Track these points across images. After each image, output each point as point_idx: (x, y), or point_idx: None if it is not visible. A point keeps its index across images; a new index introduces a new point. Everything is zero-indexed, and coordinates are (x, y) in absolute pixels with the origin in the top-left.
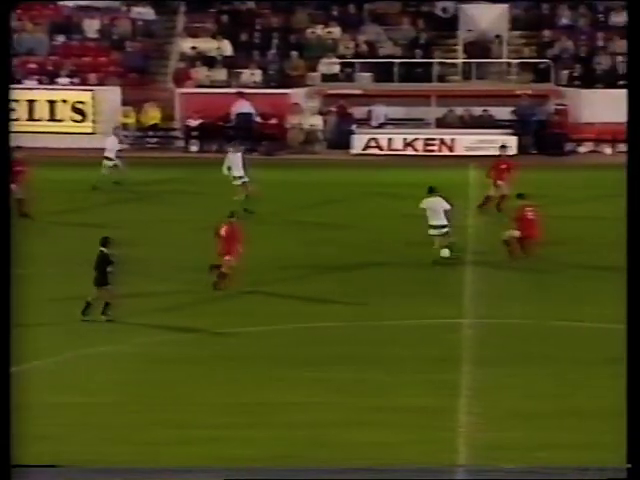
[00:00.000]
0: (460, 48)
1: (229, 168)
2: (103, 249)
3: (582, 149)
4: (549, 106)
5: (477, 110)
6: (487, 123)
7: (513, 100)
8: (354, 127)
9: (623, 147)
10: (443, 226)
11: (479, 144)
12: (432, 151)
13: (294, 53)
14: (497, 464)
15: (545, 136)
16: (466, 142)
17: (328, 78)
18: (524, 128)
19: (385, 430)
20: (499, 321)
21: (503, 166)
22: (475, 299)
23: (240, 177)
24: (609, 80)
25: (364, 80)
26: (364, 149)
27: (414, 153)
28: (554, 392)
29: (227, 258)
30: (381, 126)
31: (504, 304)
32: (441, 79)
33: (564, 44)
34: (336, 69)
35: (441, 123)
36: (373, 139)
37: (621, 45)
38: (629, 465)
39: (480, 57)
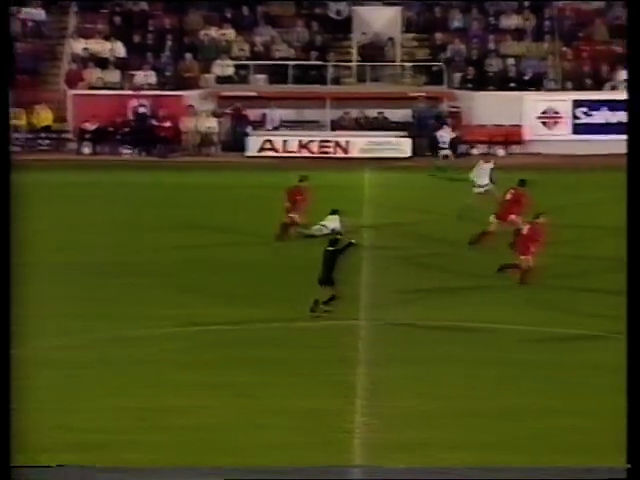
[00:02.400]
0: (354, 50)
1: None
2: (330, 248)
3: (475, 151)
4: (443, 108)
5: (372, 112)
6: (382, 125)
7: (407, 102)
8: (249, 129)
9: (516, 149)
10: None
11: (374, 146)
12: (327, 153)
13: (188, 55)
14: (394, 464)
15: (438, 138)
16: (361, 144)
17: (223, 80)
18: (419, 130)
19: (280, 432)
20: (394, 322)
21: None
22: (371, 301)
23: None
24: (500, 83)
25: (259, 82)
26: (259, 151)
27: (309, 155)
28: (449, 392)
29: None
30: (276, 128)
31: (399, 305)
32: (336, 81)
33: (456, 47)
34: (230, 71)
35: (336, 125)
36: (268, 141)
37: (512, 47)
38: (629, 465)
39: (374, 59)
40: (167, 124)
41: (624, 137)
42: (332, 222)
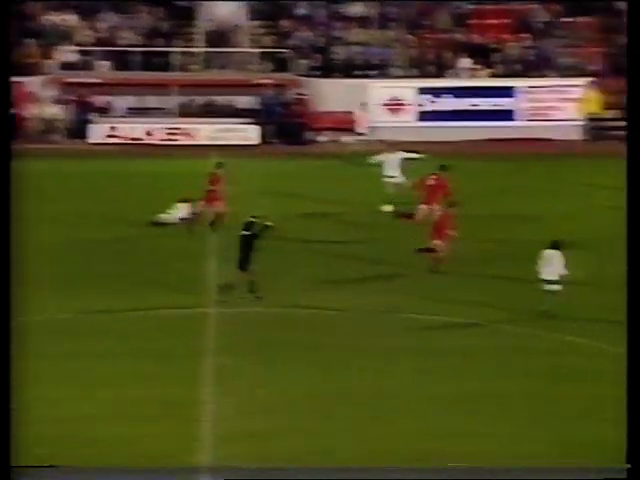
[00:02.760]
0: (200, 37)
1: None
2: (246, 232)
3: (322, 138)
4: (289, 95)
5: (219, 99)
6: (229, 112)
7: (254, 89)
8: (94, 116)
9: (362, 135)
10: None
11: (221, 133)
12: (174, 140)
13: (29, 40)
14: (244, 452)
15: (286, 125)
16: (208, 131)
17: (66, 66)
18: (267, 117)
19: (132, 422)
20: (243, 310)
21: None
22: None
23: None
24: (346, 70)
25: (103, 69)
26: (104, 138)
27: (155, 142)
28: (298, 379)
29: None
30: (122, 115)
31: (246, 294)
32: (182, 68)
33: (302, 34)
34: (74, 57)
35: (183, 112)
36: (113, 128)
37: (357, 35)
38: (629, 465)
39: (220, 46)
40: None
41: (469, 123)
42: (182, 210)
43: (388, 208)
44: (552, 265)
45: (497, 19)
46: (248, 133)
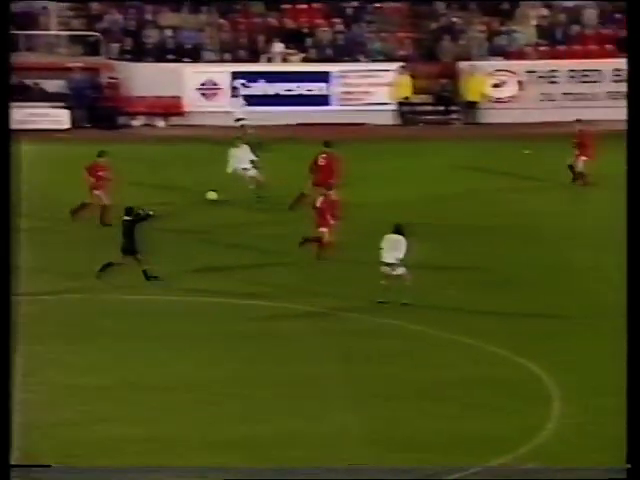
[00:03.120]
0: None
1: None
2: (127, 217)
3: (135, 122)
4: (101, 79)
5: (28, 82)
6: (38, 96)
7: (65, 73)
8: None
9: (176, 120)
10: None
11: (30, 117)
12: None
13: None
14: (52, 443)
15: (98, 109)
16: (17, 115)
17: None
18: (77, 101)
19: None
20: (56, 297)
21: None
22: (31, 275)
23: None
24: (159, 54)
25: None
26: None
27: None
28: (112, 366)
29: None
30: None
31: (58, 280)
32: None
33: (113, 17)
34: None
35: None
36: None
37: (169, 19)
38: (629, 465)
39: (28, 28)
40: None
41: (283, 108)
42: None
43: (212, 196)
44: (394, 249)
45: (309, 4)
46: (58, 117)
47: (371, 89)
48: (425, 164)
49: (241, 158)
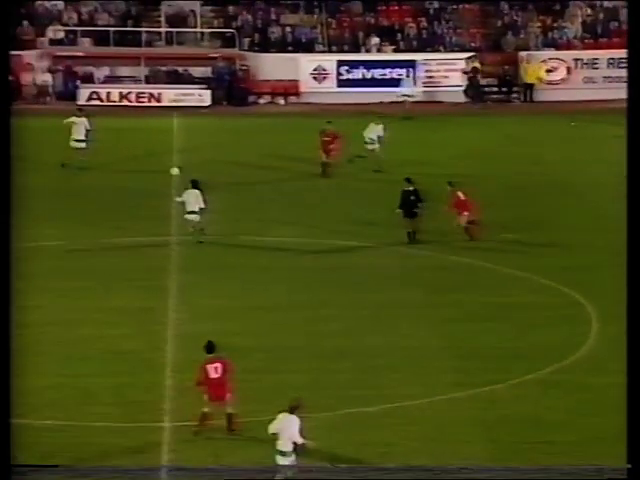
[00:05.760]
0: (163, 19)
1: None
2: (409, 188)
3: (261, 101)
4: (236, 67)
5: (179, 69)
6: (187, 80)
7: (207, 62)
8: (78, 83)
9: (294, 99)
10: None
11: (181, 97)
12: (143, 102)
13: (25, 21)
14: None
15: (233, 90)
16: (170, 95)
17: (55, 42)
18: (217, 84)
19: (105, 326)
20: (197, 237)
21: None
22: (180, 220)
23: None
24: (280, 46)
25: (85, 44)
26: (87, 101)
27: (129, 104)
28: (238, 292)
29: None
30: (101, 82)
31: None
32: (149, 44)
33: (245, 17)
34: (61, 35)
35: (150, 80)
36: (95, 92)
37: (289, 18)
38: (629, 465)
39: (179, 27)
40: (9, 79)
41: (378, 89)
42: None
43: (175, 171)
44: (193, 200)
45: (399, 6)
46: (202, 97)
47: (448, 74)
48: (490, 133)
49: (371, 132)
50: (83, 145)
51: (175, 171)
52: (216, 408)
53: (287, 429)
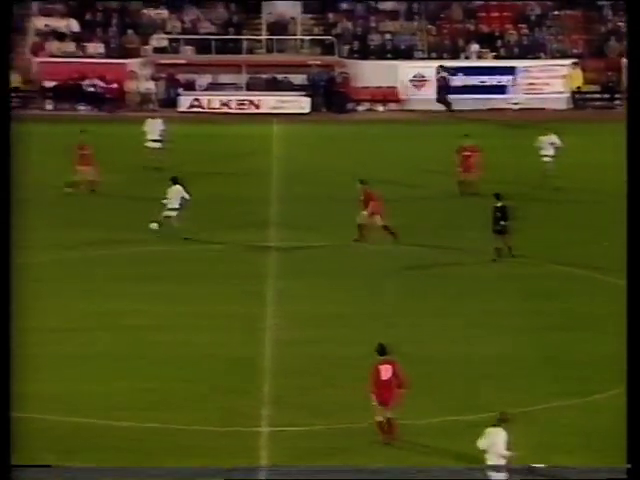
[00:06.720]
0: (264, 27)
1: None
2: (497, 204)
3: (360, 107)
4: (335, 74)
5: (278, 76)
6: (286, 87)
7: (307, 69)
8: (180, 90)
9: (392, 106)
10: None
11: (280, 104)
12: (243, 109)
13: (130, 30)
14: (302, 361)
15: (332, 97)
16: (270, 102)
17: (159, 50)
18: (316, 91)
19: (205, 332)
20: (298, 244)
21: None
22: (280, 227)
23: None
24: (379, 53)
25: (188, 52)
26: (189, 108)
27: (229, 111)
28: (339, 298)
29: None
30: (203, 89)
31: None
32: (249, 52)
33: (345, 25)
34: (165, 43)
35: (250, 87)
36: (196, 100)
37: (389, 25)
38: (629, 465)
39: (279, 35)
40: (114, 86)
41: (477, 96)
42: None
43: (154, 226)
44: (174, 197)
45: (500, 12)
46: (302, 104)
47: (549, 81)
48: (593, 139)
49: (546, 144)
50: (159, 145)
51: (154, 226)
52: (381, 411)
53: (496, 444)
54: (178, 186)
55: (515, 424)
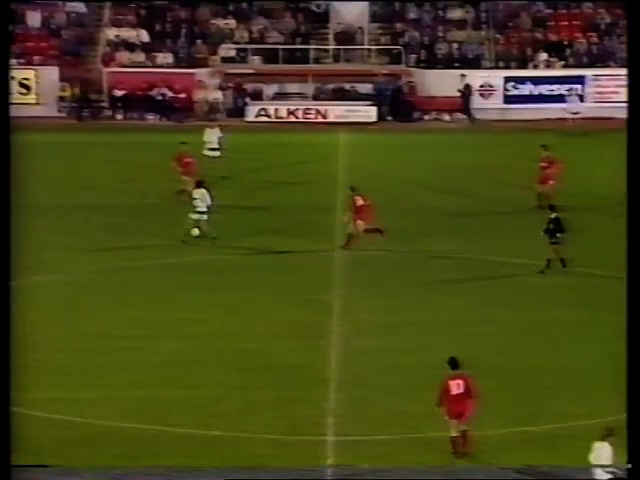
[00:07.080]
0: (331, 37)
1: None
2: (551, 215)
3: (426, 117)
4: (401, 83)
5: (345, 86)
6: (353, 96)
7: (374, 78)
8: (248, 100)
9: (459, 115)
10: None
11: (347, 113)
12: (310, 118)
13: (199, 40)
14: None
15: (398, 106)
16: (337, 111)
17: (227, 60)
18: (382, 100)
19: (268, 340)
20: (362, 252)
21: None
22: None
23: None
24: (447, 63)
25: (255, 62)
26: (256, 117)
27: (296, 120)
28: (403, 307)
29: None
30: (270, 99)
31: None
32: (316, 61)
33: (412, 34)
34: (233, 53)
35: (317, 96)
36: (263, 109)
37: (456, 35)
38: (629, 465)
39: (347, 44)
40: (182, 95)
41: (545, 105)
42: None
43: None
44: (202, 200)
45: (569, 21)
46: (368, 113)
47: (618, 89)
48: None
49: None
50: (217, 154)
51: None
52: (455, 425)
53: (602, 458)
54: (202, 190)
55: (583, 434)
